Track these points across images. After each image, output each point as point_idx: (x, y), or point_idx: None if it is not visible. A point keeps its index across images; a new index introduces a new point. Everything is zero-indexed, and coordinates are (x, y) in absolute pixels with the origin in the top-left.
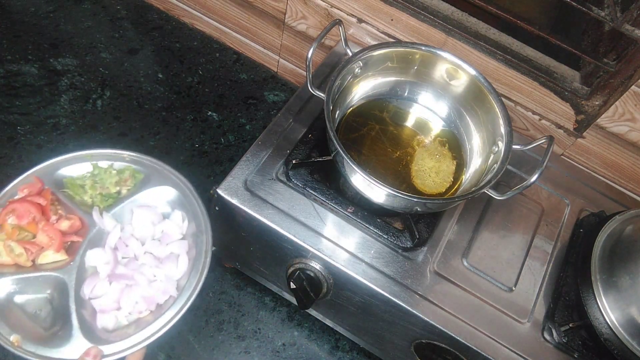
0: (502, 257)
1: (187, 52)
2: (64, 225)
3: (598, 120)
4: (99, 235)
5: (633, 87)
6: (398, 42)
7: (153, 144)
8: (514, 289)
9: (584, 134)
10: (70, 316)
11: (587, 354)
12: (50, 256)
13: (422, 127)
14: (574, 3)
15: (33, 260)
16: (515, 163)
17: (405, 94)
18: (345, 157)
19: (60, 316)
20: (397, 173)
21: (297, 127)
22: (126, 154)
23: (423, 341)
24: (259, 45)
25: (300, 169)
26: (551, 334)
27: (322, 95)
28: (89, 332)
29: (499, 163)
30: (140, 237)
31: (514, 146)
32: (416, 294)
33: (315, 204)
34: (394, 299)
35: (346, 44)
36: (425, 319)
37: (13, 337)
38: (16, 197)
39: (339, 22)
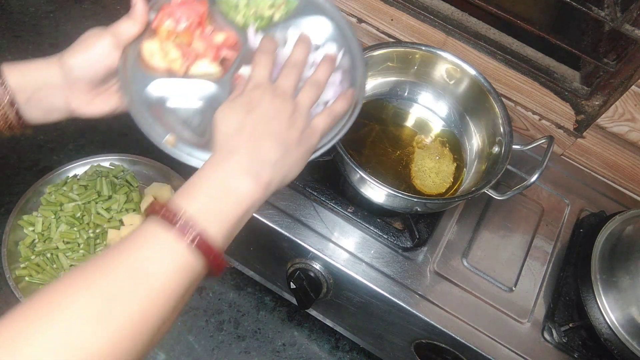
0: (502, 257)
1: None
2: (219, 37)
3: (598, 120)
4: (251, 54)
5: (633, 87)
6: (398, 42)
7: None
8: (514, 289)
9: (584, 134)
10: None
11: (587, 354)
12: (204, 67)
13: (422, 127)
14: (574, 3)
15: (186, 68)
16: (515, 163)
17: (405, 94)
18: (345, 157)
19: (211, 126)
20: (397, 173)
21: None
22: None
23: (423, 341)
24: None
25: None
26: (551, 334)
27: None
28: None
29: (499, 163)
30: None
31: (514, 146)
32: (416, 294)
33: (315, 204)
34: (394, 299)
35: None
36: (425, 319)
37: (168, 136)
38: (173, 1)
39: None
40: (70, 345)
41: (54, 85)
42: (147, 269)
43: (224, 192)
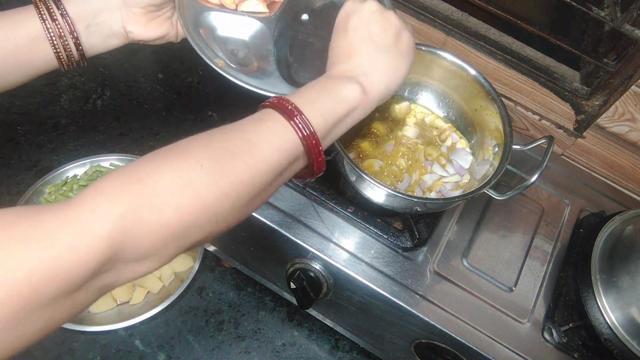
0: (502, 257)
1: (187, 52)
2: None
3: (598, 120)
4: (295, 2)
5: (633, 87)
6: None
7: (153, 144)
8: (514, 289)
9: (584, 134)
10: (269, 57)
11: (587, 354)
12: (253, 5)
13: (421, 127)
14: (574, 3)
15: (237, 5)
16: (515, 163)
17: (405, 94)
18: (345, 157)
19: (257, 58)
20: None
21: None
22: None
23: (423, 341)
24: None
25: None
26: (551, 334)
27: None
28: (286, 70)
29: (499, 163)
30: None
31: (514, 146)
32: (416, 294)
33: (315, 204)
34: (394, 299)
35: None
36: (425, 319)
37: (218, 60)
38: None
39: None
40: (189, 188)
41: (113, 8)
42: (258, 141)
43: (327, 92)
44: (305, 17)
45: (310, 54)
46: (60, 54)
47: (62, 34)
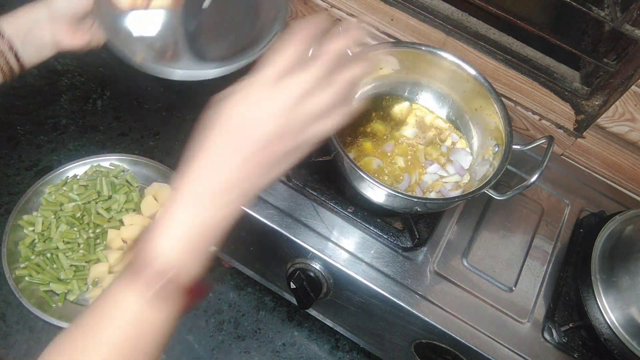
0: (502, 257)
1: None
2: None
3: (598, 120)
4: None
5: (633, 87)
6: (398, 42)
7: (153, 144)
8: (514, 289)
9: (584, 134)
10: (181, 43)
11: (587, 354)
12: (160, 1)
13: (421, 127)
14: (574, 3)
15: (147, 3)
16: (515, 163)
17: (405, 94)
18: (345, 157)
19: (171, 46)
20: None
21: None
22: None
23: (423, 341)
24: None
25: (300, 169)
26: (551, 334)
27: None
28: (196, 51)
29: (499, 163)
30: None
31: (514, 146)
32: (416, 294)
33: (315, 204)
34: (394, 299)
35: None
36: (425, 319)
37: (137, 56)
38: None
39: (339, 22)
40: None
41: (43, 23)
42: (145, 341)
43: (198, 231)
44: (206, 4)
45: (215, 34)
46: (2, 68)
47: (2, 50)
